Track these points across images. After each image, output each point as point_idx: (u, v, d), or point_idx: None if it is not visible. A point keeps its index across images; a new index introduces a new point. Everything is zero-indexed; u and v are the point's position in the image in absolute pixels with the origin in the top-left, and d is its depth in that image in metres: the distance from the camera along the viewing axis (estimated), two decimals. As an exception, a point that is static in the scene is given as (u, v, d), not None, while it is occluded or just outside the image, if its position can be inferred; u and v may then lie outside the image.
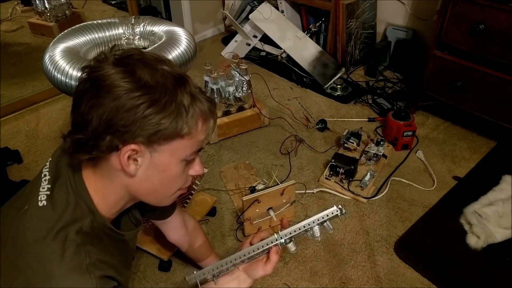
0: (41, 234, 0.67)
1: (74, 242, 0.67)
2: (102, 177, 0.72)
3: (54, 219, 0.68)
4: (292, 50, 2.47)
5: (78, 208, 0.70)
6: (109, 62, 0.66)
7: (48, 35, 2.73)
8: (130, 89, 0.63)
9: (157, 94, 0.65)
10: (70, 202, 0.70)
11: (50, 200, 0.70)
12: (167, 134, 0.67)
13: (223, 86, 1.89)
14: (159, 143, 0.68)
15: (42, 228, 0.67)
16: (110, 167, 0.70)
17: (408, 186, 1.67)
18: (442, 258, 1.37)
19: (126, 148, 0.66)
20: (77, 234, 0.68)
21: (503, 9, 1.56)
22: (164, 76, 0.67)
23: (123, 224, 0.86)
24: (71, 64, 1.38)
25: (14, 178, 1.70)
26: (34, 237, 0.67)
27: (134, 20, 1.68)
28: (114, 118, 0.63)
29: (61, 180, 0.73)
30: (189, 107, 0.68)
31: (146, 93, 0.64)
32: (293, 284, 1.30)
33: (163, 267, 1.33)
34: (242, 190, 1.65)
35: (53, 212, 0.69)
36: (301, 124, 2.03)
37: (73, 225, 0.68)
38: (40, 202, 0.70)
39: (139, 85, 0.64)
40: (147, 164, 0.70)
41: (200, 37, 2.91)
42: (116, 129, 0.64)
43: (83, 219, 0.70)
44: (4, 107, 2.09)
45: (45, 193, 0.71)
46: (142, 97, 0.64)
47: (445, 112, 2.06)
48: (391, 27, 2.48)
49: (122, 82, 0.64)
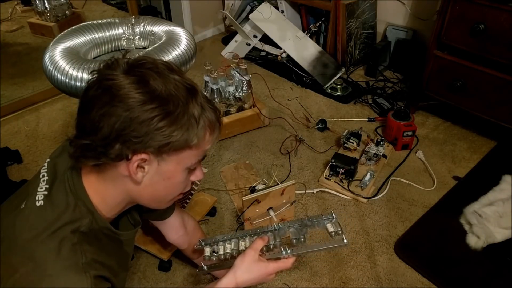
0: (37, 232, 0.67)
1: (70, 241, 0.67)
2: (105, 181, 0.73)
3: (52, 218, 0.68)
4: (292, 50, 2.47)
5: (77, 209, 0.71)
6: (121, 70, 0.66)
7: (48, 35, 2.73)
8: (144, 100, 0.64)
9: (170, 106, 0.66)
10: (70, 203, 0.70)
11: (48, 200, 0.70)
12: (177, 145, 0.69)
13: (223, 86, 1.89)
14: (168, 153, 0.69)
15: (39, 227, 0.68)
16: (115, 172, 0.70)
17: (408, 186, 1.67)
18: (442, 258, 1.37)
19: (136, 157, 0.67)
20: (74, 233, 0.68)
21: (503, 9, 1.56)
22: (176, 87, 0.67)
23: (122, 225, 0.87)
24: (71, 64, 1.38)
25: (14, 178, 1.70)
26: (30, 235, 0.67)
27: (134, 20, 1.68)
28: (126, 129, 0.64)
29: (60, 181, 0.73)
30: (199, 119, 0.69)
31: (159, 105, 0.65)
32: (293, 284, 1.30)
33: (163, 267, 1.33)
34: (242, 190, 1.65)
35: (51, 212, 0.69)
36: (301, 124, 2.03)
37: (70, 225, 0.69)
38: (37, 202, 0.70)
39: (153, 97, 0.65)
40: (154, 172, 0.71)
41: (200, 37, 2.91)
42: (127, 139, 0.65)
43: (81, 219, 0.71)
44: (4, 107, 2.09)
45: (43, 193, 0.71)
46: (156, 109, 0.64)
47: (445, 112, 2.06)
48: (391, 27, 2.48)
49: (135, 93, 0.64)
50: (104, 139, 0.65)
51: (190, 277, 1.31)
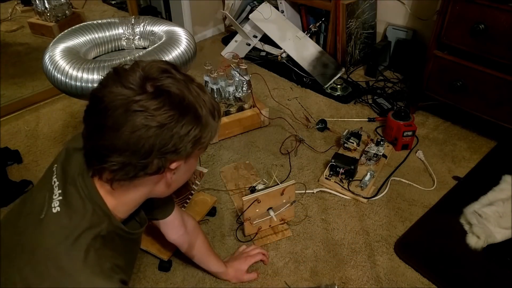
0: (59, 240, 0.68)
1: (94, 247, 0.68)
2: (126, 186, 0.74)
3: (72, 225, 0.69)
4: (292, 50, 2.47)
5: (95, 214, 0.72)
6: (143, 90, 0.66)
7: (48, 35, 2.73)
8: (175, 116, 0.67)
9: (197, 113, 0.70)
10: (87, 209, 0.71)
11: (65, 206, 0.71)
12: (205, 145, 0.75)
13: (223, 86, 1.89)
14: (195, 152, 0.74)
15: (60, 234, 0.68)
16: (144, 180, 0.73)
17: (408, 186, 1.67)
18: (442, 258, 1.37)
19: (174, 165, 0.72)
20: (96, 239, 0.70)
21: (503, 9, 1.56)
22: (195, 93, 0.71)
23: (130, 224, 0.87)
24: (71, 64, 1.38)
25: (14, 178, 1.70)
26: (52, 244, 0.68)
27: (134, 20, 1.68)
28: (166, 145, 0.67)
29: (73, 186, 0.73)
30: (216, 114, 0.75)
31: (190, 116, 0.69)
32: (293, 284, 1.30)
33: (163, 267, 1.33)
34: (242, 190, 1.65)
35: (69, 219, 0.70)
36: (301, 124, 2.03)
37: (91, 231, 0.70)
38: (54, 209, 0.71)
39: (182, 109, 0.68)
40: (183, 170, 0.77)
41: (200, 37, 2.91)
42: (166, 152, 0.68)
43: (100, 224, 0.72)
44: (4, 107, 2.09)
45: (58, 199, 0.72)
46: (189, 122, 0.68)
47: (445, 112, 2.06)
48: (391, 27, 2.48)
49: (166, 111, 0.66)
50: (145, 158, 0.67)
51: (190, 277, 1.31)
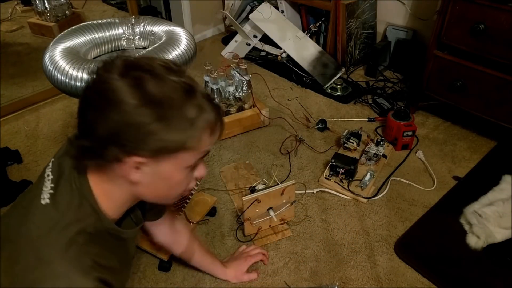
0: (43, 231, 0.67)
1: (77, 241, 0.67)
2: (109, 180, 0.73)
3: (57, 217, 0.69)
4: (292, 50, 2.47)
5: (82, 208, 0.71)
6: (117, 72, 0.66)
7: (48, 35, 2.74)
8: (137, 105, 0.64)
9: (165, 110, 0.65)
10: (74, 202, 0.71)
11: (53, 199, 0.71)
12: (172, 148, 0.68)
13: (223, 86, 1.89)
14: (163, 156, 0.69)
15: (45, 225, 0.68)
16: (115, 173, 0.71)
17: (408, 186, 1.67)
18: (442, 258, 1.37)
19: (130, 160, 0.67)
20: (79, 234, 0.69)
21: (503, 9, 1.56)
22: (173, 89, 0.67)
23: (125, 223, 0.87)
24: (71, 64, 1.38)
25: (14, 178, 1.70)
26: (36, 234, 0.68)
27: (134, 20, 1.68)
28: (120, 133, 0.64)
29: (65, 180, 0.73)
30: (196, 120, 0.68)
31: (153, 108, 0.64)
32: (293, 284, 1.30)
33: (163, 267, 1.33)
34: (242, 190, 1.65)
35: (55, 211, 0.69)
36: (301, 124, 2.03)
37: (75, 224, 0.69)
38: (43, 200, 0.71)
39: (147, 101, 0.64)
40: (151, 173, 0.71)
41: (200, 37, 2.91)
42: (122, 143, 0.65)
43: (86, 219, 0.71)
44: (4, 107, 2.09)
45: (49, 192, 0.72)
46: (149, 113, 0.64)
47: (445, 112, 2.06)
48: (391, 27, 2.48)
49: (130, 98, 0.64)
50: (101, 142, 0.65)
51: (190, 277, 1.31)
